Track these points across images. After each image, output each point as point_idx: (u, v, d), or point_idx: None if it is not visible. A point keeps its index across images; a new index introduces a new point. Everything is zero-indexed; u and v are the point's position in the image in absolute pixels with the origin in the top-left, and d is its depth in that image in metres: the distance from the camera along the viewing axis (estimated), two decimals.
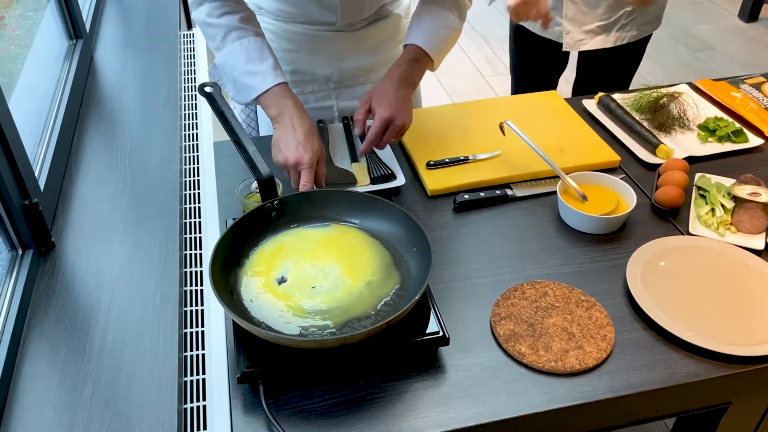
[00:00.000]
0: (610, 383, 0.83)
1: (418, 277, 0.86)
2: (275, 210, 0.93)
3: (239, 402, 0.80)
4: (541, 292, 0.93)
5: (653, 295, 0.93)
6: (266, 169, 0.93)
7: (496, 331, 0.88)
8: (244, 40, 1.09)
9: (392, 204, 0.94)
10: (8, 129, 0.87)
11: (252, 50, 1.09)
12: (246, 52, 1.08)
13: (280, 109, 1.06)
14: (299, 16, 1.22)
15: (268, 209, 0.93)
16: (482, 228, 1.07)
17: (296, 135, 1.04)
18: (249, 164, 0.94)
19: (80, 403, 0.75)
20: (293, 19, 1.23)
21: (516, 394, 0.81)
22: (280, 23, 1.25)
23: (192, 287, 0.99)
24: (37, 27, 1.40)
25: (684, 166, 1.13)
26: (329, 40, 1.25)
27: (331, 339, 0.77)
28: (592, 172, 1.13)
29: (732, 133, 1.26)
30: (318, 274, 0.87)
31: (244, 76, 1.08)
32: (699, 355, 0.86)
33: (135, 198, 1.07)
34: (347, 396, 0.80)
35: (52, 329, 0.84)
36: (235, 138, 0.97)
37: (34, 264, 0.91)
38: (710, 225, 1.06)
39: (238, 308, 0.82)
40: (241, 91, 1.10)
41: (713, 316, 0.91)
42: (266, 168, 0.93)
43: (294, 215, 0.95)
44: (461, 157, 1.18)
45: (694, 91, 1.41)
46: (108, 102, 1.32)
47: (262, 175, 0.92)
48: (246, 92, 1.09)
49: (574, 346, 0.86)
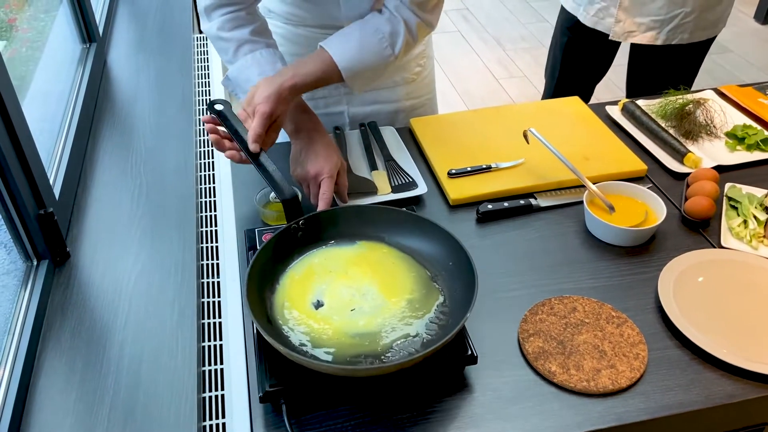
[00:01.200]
0: (645, 404, 0.80)
1: (461, 293, 0.83)
2: (301, 230, 0.90)
3: (260, 421, 0.77)
4: (570, 307, 0.90)
5: (686, 311, 0.90)
6: (290, 189, 0.90)
7: (525, 349, 0.85)
8: (257, 53, 1.07)
9: (422, 217, 0.91)
10: (23, 136, 0.85)
11: (264, 63, 1.06)
12: (258, 65, 1.06)
13: (297, 123, 1.05)
14: (308, 20, 1.19)
15: (294, 230, 0.90)
16: (506, 239, 1.04)
17: (315, 147, 1.02)
18: (271, 184, 0.91)
19: (97, 422, 0.73)
20: (303, 22, 1.21)
21: (548, 416, 0.78)
22: (290, 27, 1.23)
23: (209, 299, 0.97)
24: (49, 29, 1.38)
25: (714, 176, 1.10)
26: None
27: (387, 365, 0.73)
28: (619, 181, 1.10)
29: (761, 141, 1.23)
30: (355, 295, 0.84)
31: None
32: (735, 375, 0.83)
33: (150, 206, 1.05)
34: (372, 416, 0.78)
35: (68, 343, 0.82)
36: (252, 156, 0.94)
37: (49, 275, 0.89)
38: (743, 237, 1.02)
39: (278, 338, 0.79)
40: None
41: (748, 333, 0.88)
42: (290, 188, 0.90)
43: (319, 234, 0.92)
44: (483, 166, 1.15)
45: (720, 98, 1.38)
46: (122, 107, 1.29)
47: (285, 195, 0.89)
48: None
49: (606, 365, 0.83)
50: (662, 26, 1.60)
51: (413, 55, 1.30)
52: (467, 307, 0.77)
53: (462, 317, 0.77)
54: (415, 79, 1.32)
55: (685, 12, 1.56)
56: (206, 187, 1.18)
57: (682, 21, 1.58)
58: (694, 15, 1.57)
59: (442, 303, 0.84)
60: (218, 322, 0.93)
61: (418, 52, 1.31)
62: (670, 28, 1.59)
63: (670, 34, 1.60)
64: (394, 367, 0.73)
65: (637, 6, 1.60)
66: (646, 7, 1.59)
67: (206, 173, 1.21)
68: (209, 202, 1.14)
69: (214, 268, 1.02)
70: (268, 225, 1.04)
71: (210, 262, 1.03)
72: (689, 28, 1.59)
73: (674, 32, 1.60)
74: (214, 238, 1.07)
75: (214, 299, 0.97)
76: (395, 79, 1.29)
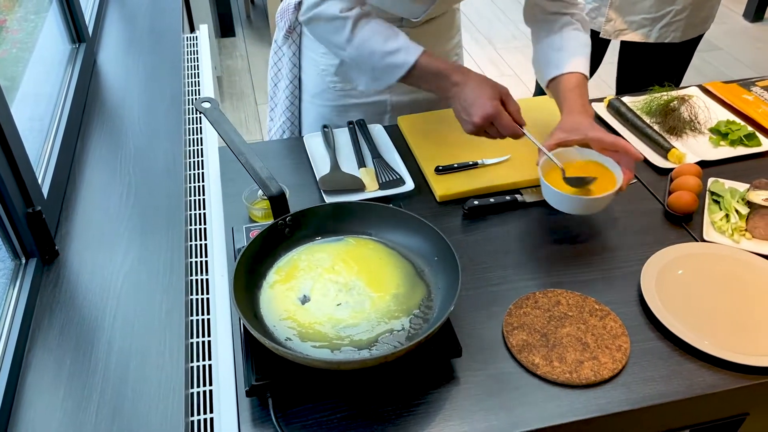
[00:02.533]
0: (627, 395, 0.81)
1: (445, 287, 0.84)
2: (288, 227, 0.91)
3: (247, 415, 0.78)
4: (554, 300, 0.92)
5: (668, 303, 0.91)
6: (277, 186, 0.91)
7: (509, 342, 0.86)
8: (372, 23, 1.06)
9: (408, 213, 0.92)
10: (11, 135, 0.86)
11: (385, 29, 1.06)
12: (380, 34, 1.05)
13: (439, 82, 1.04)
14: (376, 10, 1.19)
15: (281, 226, 0.90)
16: (492, 234, 1.05)
17: (465, 94, 1.01)
18: (257, 181, 0.92)
19: (86, 419, 0.73)
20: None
21: (530, 407, 0.79)
22: None
23: (197, 296, 0.97)
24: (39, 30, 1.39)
25: (697, 171, 1.12)
26: None
27: (372, 359, 0.74)
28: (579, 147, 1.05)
29: (744, 136, 1.24)
30: (341, 290, 0.85)
31: (386, 58, 1.05)
32: (716, 366, 0.85)
33: (139, 205, 1.05)
34: (357, 409, 0.79)
35: (57, 341, 0.83)
36: (239, 153, 0.95)
37: (38, 273, 0.89)
38: (725, 231, 1.04)
39: (265, 332, 0.79)
40: (382, 76, 1.07)
41: (730, 325, 0.89)
42: (277, 185, 0.91)
43: (307, 230, 0.93)
44: (470, 162, 1.16)
45: (704, 94, 1.39)
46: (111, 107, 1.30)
47: (272, 192, 0.90)
48: (391, 73, 1.05)
49: (589, 357, 0.84)
50: (653, 24, 1.61)
51: (453, 44, 1.32)
52: (451, 300, 0.79)
53: (446, 311, 0.78)
54: None
55: (675, 10, 1.58)
56: (195, 185, 1.18)
57: (672, 19, 1.59)
58: (685, 13, 1.58)
59: (427, 297, 0.85)
60: (206, 319, 0.94)
61: (457, 42, 1.34)
62: (662, 25, 1.60)
63: (662, 31, 1.61)
64: (379, 360, 0.74)
65: (628, 4, 1.61)
66: (636, 6, 1.60)
67: (195, 172, 1.21)
68: (198, 201, 1.14)
69: (202, 265, 1.03)
70: (256, 222, 1.05)
71: (198, 259, 1.04)
72: (681, 26, 1.60)
73: (666, 30, 1.61)
74: (202, 236, 1.08)
75: (203, 296, 0.97)
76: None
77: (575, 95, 1.07)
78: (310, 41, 1.30)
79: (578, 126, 1.04)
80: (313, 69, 1.32)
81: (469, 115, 1.01)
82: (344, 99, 1.32)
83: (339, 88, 1.30)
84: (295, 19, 1.30)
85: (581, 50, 1.13)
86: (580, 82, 1.09)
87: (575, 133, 1.03)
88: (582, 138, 1.03)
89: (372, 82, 1.10)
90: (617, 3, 1.62)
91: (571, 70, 1.10)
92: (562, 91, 1.10)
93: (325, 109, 1.34)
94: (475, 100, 1.00)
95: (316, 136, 1.25)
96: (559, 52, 1.13)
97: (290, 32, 1.32)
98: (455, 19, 1.33)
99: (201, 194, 1.17)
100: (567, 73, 1.10)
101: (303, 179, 1.16)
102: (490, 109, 0.99)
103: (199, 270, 1.02)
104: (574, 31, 1.15)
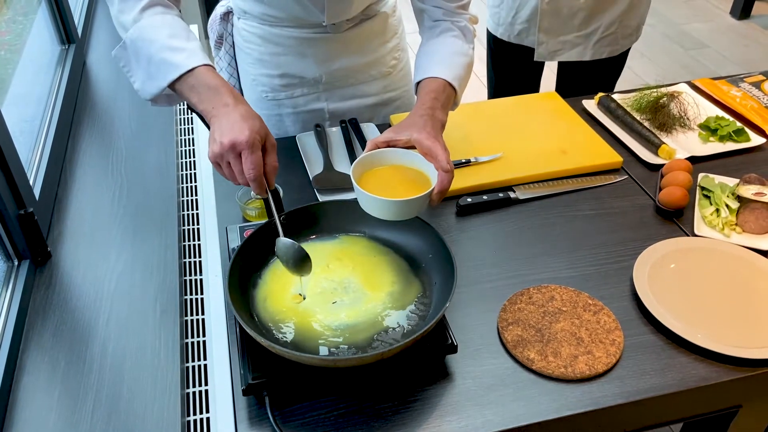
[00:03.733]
0: (621, 389, 0.81)
1: (440, 284, 0.85)
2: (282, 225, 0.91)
3: (244, 414, 0.78)
4: (548, 296, 0.92)
5: (661, 297, 0.92)
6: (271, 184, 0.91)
7: (504, 337, 0.86)
8: (167, 16, 0.94)
9: None
10: (2, 136, 0.85)
11: (177, 27, 0.93)
12: (170, 27, 0.92)
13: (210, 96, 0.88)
14: (285, 20, 1.20)
15: (274, 225, 0.90)
16: (486, 232, 1.06)
17: (231, 116, 0.86)
18: None
19: (81, 419, 0.73)
20: (279, 22, 1.21)
21: (525, 402, 0.79)
22: (266, 27, 1.23)
23: (192, 296, 0.97)
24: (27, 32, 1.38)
25: (687, 167, 1.13)
26: (317, 42, 1.23)
27: (367, 356, 0.74)
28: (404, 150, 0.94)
29: (733, 132, 1.25)
30: (336, 288, 0.86)
31: (164, 52, 0.90)
32: (709, 359, 0.85)
33: (132, 205, 1.05)
34: (355, 406, 0.79)
35: (51, 342, 0.82)
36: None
37: (31, 275, 0.89)
38: (715, 226, 1.05)
39: (261, 331, 0.79)
40: (156, 74, 0.91)
41: (722, 318, 0.90)
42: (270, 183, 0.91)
43: (300, 229, 0.93)
44: (463, 160, 1.17)
45: (693, 91, 1.41)
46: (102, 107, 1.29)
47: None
48: (165, 71, 0.90)
49: (583, 352, 0.84)
50: (586, 41, 1.59)
51: (388, 48, 1.32)
52: (447, 297, 0.79)
53: (442, 307, 0.78)
54: (391, 72, 1.33)
55: (604, 24, 1.56)
56: (188, 185, 1.18)
57: (604, 33, 1.57)
58: (615, 26, 1.56)
59: (422, 294, 0.85)
60: (201, 319, 0.94)
61: (393, 45, 1.33)
62: (595, 41, 1.58)
63: (597, 47, 1.59)
64: (375, 357, 0.74)
65: (556, 26, 1.58)
66: (565, 25, 1.58)
67: (188, 172, 1.21)
68: (191, 201, 1.14)
69: (196, 265, 1.02)
70: (250, 222, 1.05)
71: (192, 260, 1.04)
72: (615, 38, 1.58)
73: (600, 46, 1.59)
74: (196, 236, 1.08)
75: (197, 296, 0.97)
76: (372, 73, 1.30)
77: (428, 98, 1.01)
78: (241, 51, 1.29)
79: (410, 126, 0.95)
80: (247, 78, 1.31)
81: (222, 135, 0.84)
82: (279, 108, 1.30)
83: (271, 97, 1.29)
84: (222, 29, 1.29)
85: (451, 58, 1.08)
86: (438, 87, 1.03)
87: (404, 133, 0.95)
88: (408, 139, 0.94)
89: (147, 79, 0.94)
90: (546, 25, 1.59)
91: (433, 75, 1.04)
92: (419, 95, 1.04)
93: (265, 118, 1.25)
94: (235, 124, 0.84)
95: (309, 136, 1.25)
96: (427, 57, 1.09)
97: (219, 42, 1.31)
98: (388, 23, 1.30)
99: (194, 194, 1.17)
100: (429, 77, 1.05)
101: (296, 178, 1.16)
102: (246, 137, 0.83)
103: (193, 270, 1.02)
104: (452, 38, 1.11)
